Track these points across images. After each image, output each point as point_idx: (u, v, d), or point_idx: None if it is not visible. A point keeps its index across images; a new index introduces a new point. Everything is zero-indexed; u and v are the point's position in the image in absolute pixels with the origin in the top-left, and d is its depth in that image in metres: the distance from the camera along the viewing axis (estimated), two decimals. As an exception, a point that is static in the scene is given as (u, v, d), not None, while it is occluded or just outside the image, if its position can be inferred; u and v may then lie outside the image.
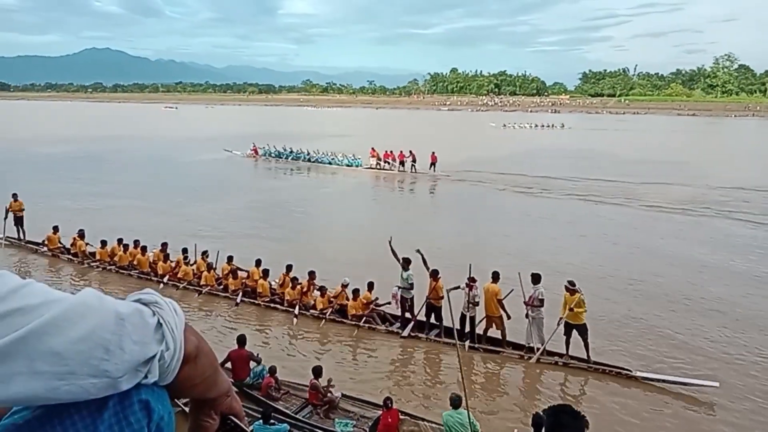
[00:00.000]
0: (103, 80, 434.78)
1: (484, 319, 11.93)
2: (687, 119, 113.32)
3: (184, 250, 16.08)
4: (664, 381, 10.30)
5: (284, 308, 13.86)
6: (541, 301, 11.35)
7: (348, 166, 40.29)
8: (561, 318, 11.19)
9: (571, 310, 11.00)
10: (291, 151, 44.76)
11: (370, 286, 13.29)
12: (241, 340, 10.38)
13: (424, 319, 12.52)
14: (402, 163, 38.44)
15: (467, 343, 11.79)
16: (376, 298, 13.23)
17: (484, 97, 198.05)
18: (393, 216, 25.08)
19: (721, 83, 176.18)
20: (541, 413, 3.32)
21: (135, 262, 16.34)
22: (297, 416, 9.31)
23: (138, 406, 0.94)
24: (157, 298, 0.98)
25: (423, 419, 8.98)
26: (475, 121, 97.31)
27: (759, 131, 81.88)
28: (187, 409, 1.16)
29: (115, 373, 0.88)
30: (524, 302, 11.46)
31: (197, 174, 37.02)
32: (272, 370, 10.01)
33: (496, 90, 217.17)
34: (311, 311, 13.60)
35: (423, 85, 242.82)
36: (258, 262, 14.95)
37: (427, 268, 12.35)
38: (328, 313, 13.24)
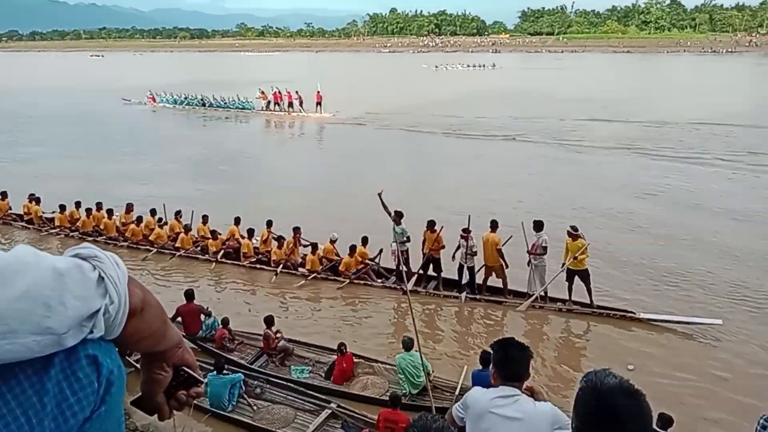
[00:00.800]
0: (19, 28, 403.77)
1: (483, 269, 11.85)
2: (622, 56, 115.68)
3: (153, 212, 15.25)
4: (667, 321, 10.46)
5: (271, 269, 13.18)
6: (545, 248, 11.27)
7: (241, 109, 41.27)
8: (564, 264, 11.18)
9: (575, 258, 10.96)
10: (185, 98, 45.10)
11: (365, 241, 12.88)
12: (190, 294, 10.30)
13: (421, 271, 12.33)
14: (290, 104, 38.76)
15: (465, 293, 11.72)
16: (380, 251, 12.86)
17: (425, 38, 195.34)
18: (324, 163, 25.48)
19: (654, 19, 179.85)
20: (489, 349, 3.43)
21: (102, 227, 15.36)
22: (252, 366, 9.39)
23: (86, 361, 0.93)
24: (97, 251, 0.96)
25: (377, 361, 9.24)
26: (412, 62, 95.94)
27: (689, 67, 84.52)
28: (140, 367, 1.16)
29: (58, 330, 0.87)
30: (527, 251, 11.36)
31: (121, 127, 35.98)
32: (225, 322, 10.02)
33: (437, 30, 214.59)
34: (300, 270, 13.15)
35: (363, 26, 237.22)
36: (237, 220, 14.34)
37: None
38: (320, 270, 12.79)
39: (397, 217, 12.23)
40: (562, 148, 26.95)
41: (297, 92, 38.83)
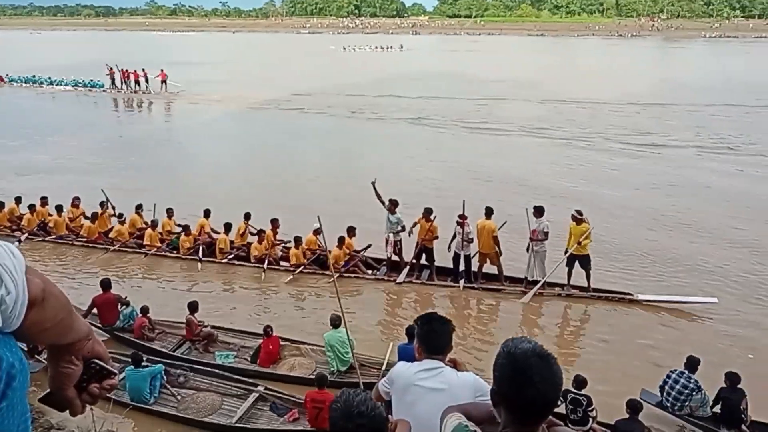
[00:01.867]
0: None
1: (477, 256, 11.60)
2: (536, 39, 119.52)
3: (103, 204, 14.11)
4: (665, 301, 10.71)
5: (251, 265, 12.42)
6: (546, 234, 11.12)
7: (90, 87, 41.64)
8: (567, 249, 11.14)
9: (579, 243, 10.89)
10: (34, 77, 45.06)
11: (351, 231, 12.36)
12: (106, 284, 9.85)
13: (414, 261, 12.00)
14: (137, 82, 39.42)
15: (463, 281, 11.51)
16: (369, 245, 12.42)
17: (344, 19, 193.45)
18: (235, 148, 25.10)
19: (565, 4, 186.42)
20: (413, 323, 3.48)
21: (51, 225, 14.02)
22: (174, 354, 9.14)
23: None
24: None
25: (304, 342, 9.23)
26: (325, 44, 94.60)
27: (597, 50, 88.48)
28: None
29: None
30: (530, 238, 11.20)
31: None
32: (144, 310, 9.68)
33: (356, 12, 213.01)
34: (283, 264, 12.47)
35: (280, 6, 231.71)
36: (206, 213, 13.45)
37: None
38: (305, 264, 12.18)
39: (392, 206, 11.84)
40: (464, 129, 27.68)
41: (143, 70, 39.67)
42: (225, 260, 12.66)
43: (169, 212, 13.87)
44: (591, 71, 53.56)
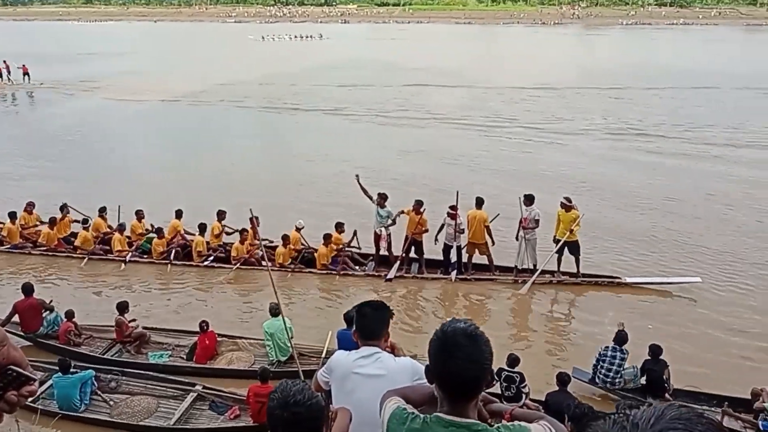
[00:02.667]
0: None
1: (467, 247, 11.49)
2: (463, 27, 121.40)
3: (63, 208, 13.08)
4: (652, 283, 11.06)
5: (229, 266, 11.79)
6: (537, 221, 11.18)
7: None
8: (555, 237, 11.25)
9: (571, 231, 10.97)
10: None
11: (339, 227, 11.94)
12: (28, 289, 9.34)
13: (403, 255, 11.76)
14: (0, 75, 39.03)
15: (454, 274, 11.40)
16: (355, 233, 12.00)
17: (271, 8, 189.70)
18: (161, 143, 24.24)
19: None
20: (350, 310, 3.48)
21: (4, 234, 12.81)
22: (104, 357, 8.80)
23: None
24: None
25: (241, 337, 9.10)
26: (245, 33, 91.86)
27: (522, 37, 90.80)
28: None
29: None
30: (522, 226, 11.24)
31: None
32: (69, 315, 9.25)
33: (283, 1, 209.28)
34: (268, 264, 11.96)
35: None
36: (178, 214, 12.74)
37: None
38: (294, 264, 11.85)
39: (381, 199, 11.62)
40: (383, 119, 27.63)
41: (5, 61, 39.02)
42: (205, 263, 12.03)
43: (139, 214, 13.03)
44: (515, 58, 54.93)
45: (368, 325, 3.11)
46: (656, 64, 47.02)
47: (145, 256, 12.39)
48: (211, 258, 12.13)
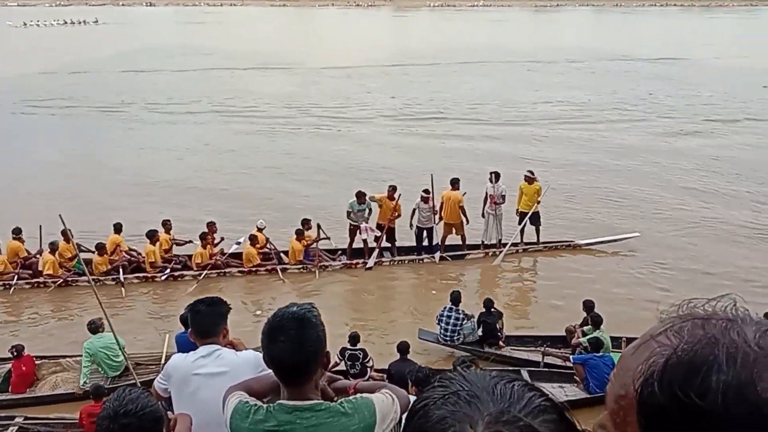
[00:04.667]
0: None
1: (444, 227, 11.66)
2: (278, 9, 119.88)
3: (17, 231, 11.01)
4: (600, 242, 11.99)
5: (196, 271, 10.90)
6: (503, 197, 11.60)
7: None
8: (518, 209, 11.77)
9: (538, 203, 11.55)
10: None
11: (305, 224, 11.37)
12: None
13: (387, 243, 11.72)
14: None
15: (438, 254, 11.52)
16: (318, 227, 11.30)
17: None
18: None
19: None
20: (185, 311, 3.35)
21: None
22: None
23: None
24: None
25: (64, 356, 8.27)
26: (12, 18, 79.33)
27: (334, 20, 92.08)
28: None
29: None
30: (494, 202, 11.49)
31: None
32: None
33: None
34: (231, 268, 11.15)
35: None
36: (117, 228, 11.27)
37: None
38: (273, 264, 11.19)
39: (362, 196, 11.45)
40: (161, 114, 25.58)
41: None
42: (162, 277, 10.92)
43: (67, 234, 11.01)
44: (330, 40, 55.58)
45: (203, 323, 3.01)
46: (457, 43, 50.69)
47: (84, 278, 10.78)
48: (167, 272, 11.06)
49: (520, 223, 11.73)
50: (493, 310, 8.76)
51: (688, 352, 0.65)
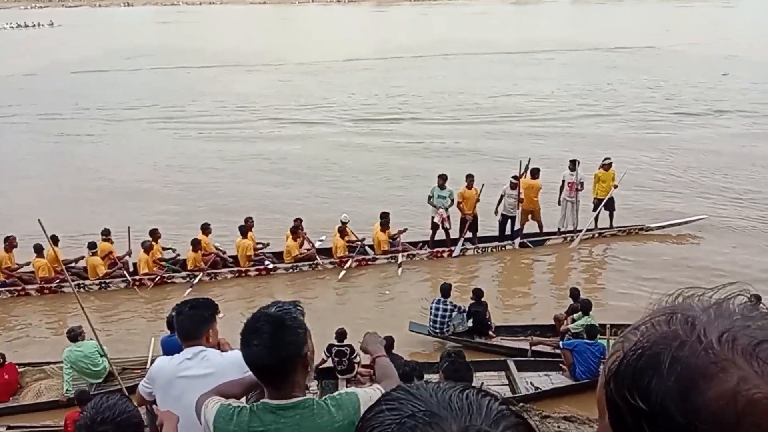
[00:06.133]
0: None
1: (522, 215, 11.88)
2: (258, 7, 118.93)
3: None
4: (670, 225, 12.24)
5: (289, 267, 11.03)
6: (582, 184, 11.91)
7: None
8: (595, 197, 12.05)
9: (615, 187, 11.86)
10: None
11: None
12: None
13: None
14: None
15: (517, 241, 11.89)
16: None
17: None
18: None
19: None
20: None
21: None
22: None
23: None
24: None
25: (48, 363, 8.16)
26: None
27: (316, 16, 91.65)
28: None
29: None
30: (575, 189, 11.80)
31: None
32: None
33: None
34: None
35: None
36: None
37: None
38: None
39: (442, 180, 11.68)
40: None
41: None
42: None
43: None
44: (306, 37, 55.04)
45: (186, 325, 2.98)
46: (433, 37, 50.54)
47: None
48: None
49: (595, 210, 12.10)
50: (482, 300, 8.84)
51: (639, 354, 0.65)
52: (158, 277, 10.84)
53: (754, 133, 19.59)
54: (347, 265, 11.16)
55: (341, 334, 7.78)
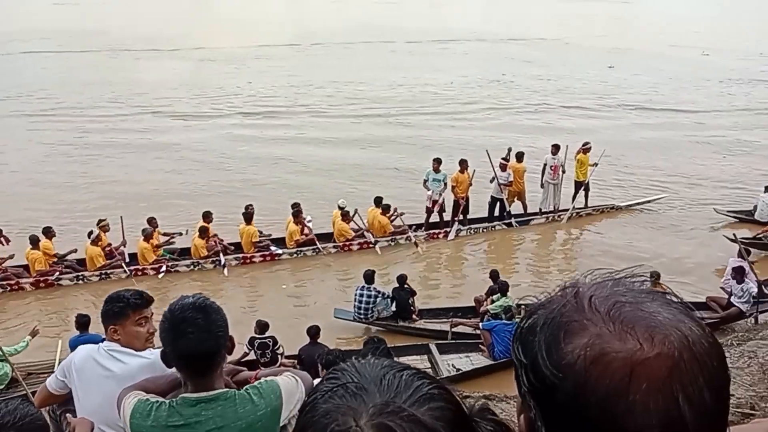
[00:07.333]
0: None
1: (508, 197, 12.44)
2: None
3: None
4: (636, 204, 13.29)
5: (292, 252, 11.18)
6: (562, 167, 12.47)
7: None
8: (576, 180, 12.69)
9: (595, 165, 12.68)
10: None
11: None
12: None
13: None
14: None
15: (514, 220, 12.46)
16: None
17: None
18: None
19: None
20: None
21: None
22: None
23: None
24: None
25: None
26: None
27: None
28: None
29: None
30: (561, 171, 12.47)
31: None
32: None
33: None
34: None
35: None
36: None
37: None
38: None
39: (437, 164, 12.02)
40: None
41: None
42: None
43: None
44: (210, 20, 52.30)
45: (108, 316, 2.78)
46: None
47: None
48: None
49: (576, 191, 12.83)
50: (406, 285, 9.04)
51: (528, 315, 0.75)
52: (164, 267, 10.64)
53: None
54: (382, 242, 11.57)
55: (263, 326, 7.66)
